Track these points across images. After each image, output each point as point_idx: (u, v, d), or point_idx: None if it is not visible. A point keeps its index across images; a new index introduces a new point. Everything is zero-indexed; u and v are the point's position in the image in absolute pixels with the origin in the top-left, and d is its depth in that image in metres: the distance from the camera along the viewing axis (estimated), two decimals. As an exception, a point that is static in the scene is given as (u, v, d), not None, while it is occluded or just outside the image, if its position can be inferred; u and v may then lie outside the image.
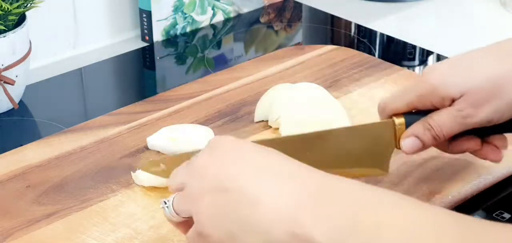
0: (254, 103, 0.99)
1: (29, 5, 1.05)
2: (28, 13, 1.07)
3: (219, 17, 1.35)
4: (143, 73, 1.26)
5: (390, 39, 1.28)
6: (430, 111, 0.78)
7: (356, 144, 0.79)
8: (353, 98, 1.02)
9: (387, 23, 1.33)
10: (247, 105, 1.01)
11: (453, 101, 0.76)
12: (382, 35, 1.29)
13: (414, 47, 1.25)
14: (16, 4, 1.02)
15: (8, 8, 1.01)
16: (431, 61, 1.24)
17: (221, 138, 0.69)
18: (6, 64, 1.03)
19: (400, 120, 0.79)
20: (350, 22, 1.35)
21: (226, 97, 1.04)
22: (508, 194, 0.86)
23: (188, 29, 1.31)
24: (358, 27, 1.33)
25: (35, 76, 1.16)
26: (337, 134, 0.79)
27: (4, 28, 1.02)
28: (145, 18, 1.27)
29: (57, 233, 0.80)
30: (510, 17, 1.33)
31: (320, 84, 1.01)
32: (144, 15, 1.27)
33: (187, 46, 1.28)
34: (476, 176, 0.85)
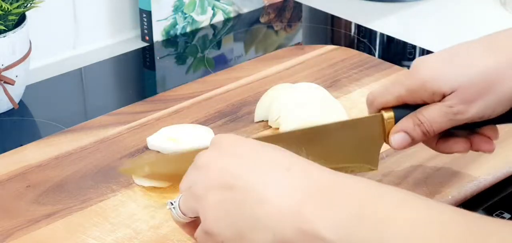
0: (254, 103, 0.99)
1: (29, 5, 1.05)
2: (28, 13, 1.07)
3: (219, 17, 1.35)
4: (143, 73, 1.26)
5: (390, 39, 1.28)
6: (420, 105, 0.76)
7: (344, 139, 0.78)
8: (353, 98, 1.02)
9: (387, 23, 1.33)
10: (247, 105, 1.01)
11: (444, 96, 0.74)
12: (382, 35, 1.29)
13: (414, 47, 1.25)
14: (16, 4, 1.02)
15: (8, 8, 1.01)
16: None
17: (224, 135, 0.69)
18: (6, 64, 1.03)
19: (389, 114, 0.77)
20: (350, 22, 1.35)
21: (226, 97, 1.04)
22: (508, 194, 0.86)
23: (188, 29, 1.31)
24: (358, 27, 1.33)
25: (35, 76, 1.16)
26: (325, 130, 0.78)
27: (4, 28, 1.02)
28: (145, 18, 1.27)
29: (57, 233, 0.80)
30: (510, 17, 1.33)
31: (320, 84, 1.01)
32: (144, 15, 1.27)
33: (187, 46, 1.28)
34: (476, 176, 0.85)
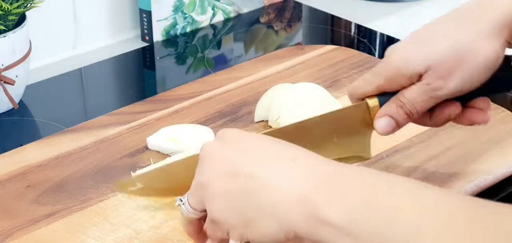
0: (254, 103, 0.99)
1: (29, 5, 1.05)
2: (28, 13, 1.07)
3: (219, 17, 1.35)
4: (143, 73, 1.26)
5: (390, 39, 1.28)
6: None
7: (333, 131, 0.78)
8: (353, 98, 1.02)
9: (387, 23, 1.33)
10: (247, 105, 1.01)
11: (421, 76, 0.75)
12: (382, 35, 1.29)
13: (414, 47, 1.24)
14: (16, 4, 1.02)
15: (8, 8, 1.01)
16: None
17: (228, 129, 0.69)
18: (6, 64, 1.03)
19: (373, 101, 0.77)
20: (350, 22, 1.35)
21: (226, 97, 1.04)
22: (508, 194, 0.86)
23: (188, 29, 1.31)
24: (358, 27, 1.33)
25: (35, 76, 1.16)
26: (312, 123, 0.78)
27: (4, 28, 1.02)
28: (145, 18, 1.27)
29: (57, 233, 0.80)
30: (510, 17, 1.33)
31: (320, 84, 1.01)
32: (144, 15, 1.27)
33: (187, 46, 1.28)
34: (476, 176, 0.85)
